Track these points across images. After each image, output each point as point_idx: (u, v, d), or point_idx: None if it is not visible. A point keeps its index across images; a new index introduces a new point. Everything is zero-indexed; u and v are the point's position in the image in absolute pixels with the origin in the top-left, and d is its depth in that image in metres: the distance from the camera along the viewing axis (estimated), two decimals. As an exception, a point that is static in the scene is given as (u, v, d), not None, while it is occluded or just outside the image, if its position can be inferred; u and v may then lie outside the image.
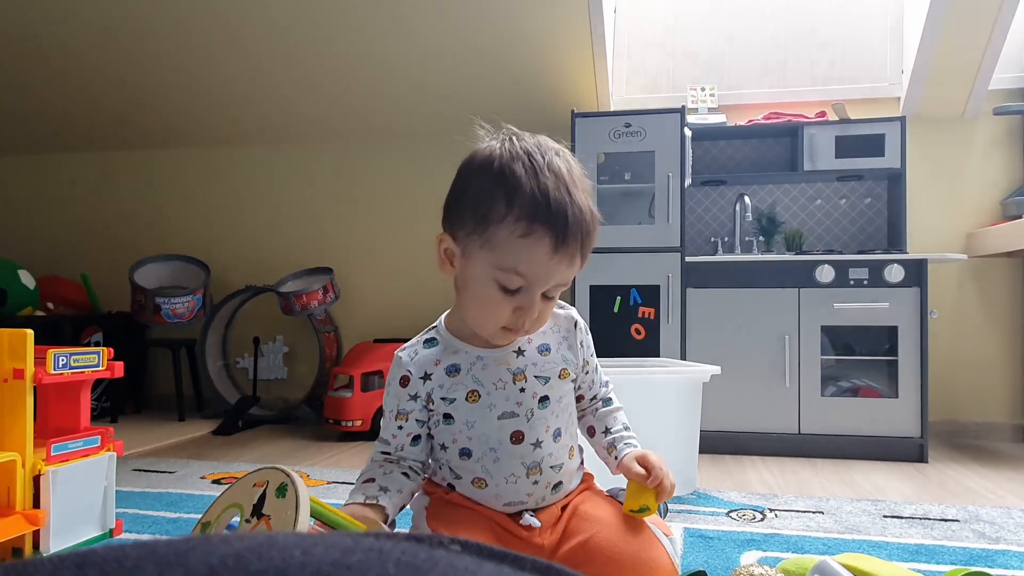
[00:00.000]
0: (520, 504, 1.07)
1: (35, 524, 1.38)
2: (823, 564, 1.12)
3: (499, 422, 1.04)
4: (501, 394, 1.04)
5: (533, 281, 0.95)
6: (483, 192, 0.95)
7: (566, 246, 0.93)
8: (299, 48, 3.23)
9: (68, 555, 0.27)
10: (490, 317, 0.98)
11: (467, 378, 1.05)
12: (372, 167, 3.70)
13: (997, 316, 3.05)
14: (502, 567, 0.31)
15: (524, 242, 0.92)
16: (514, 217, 0.92)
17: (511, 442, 1.04)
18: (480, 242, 0.95)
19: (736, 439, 2.71)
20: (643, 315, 2.80)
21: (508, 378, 1.04)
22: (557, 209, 0.92)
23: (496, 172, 0.95)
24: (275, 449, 2.77)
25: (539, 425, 1.05)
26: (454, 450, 1.07)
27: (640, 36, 3.42)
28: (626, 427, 1.16)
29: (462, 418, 1.05)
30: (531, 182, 0.93)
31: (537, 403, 1.05)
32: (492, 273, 0.95)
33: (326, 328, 3.55)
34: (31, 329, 1.41)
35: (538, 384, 1.05)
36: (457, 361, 1.06)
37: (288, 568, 0.27)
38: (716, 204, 3.29)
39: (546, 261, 0.93)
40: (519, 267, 0.93)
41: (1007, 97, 3.05)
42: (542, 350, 1.07)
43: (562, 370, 1.08)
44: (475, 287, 0.98)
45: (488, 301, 0.97)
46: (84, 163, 4.06)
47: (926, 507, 1.93)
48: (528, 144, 0.99)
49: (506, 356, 1.05)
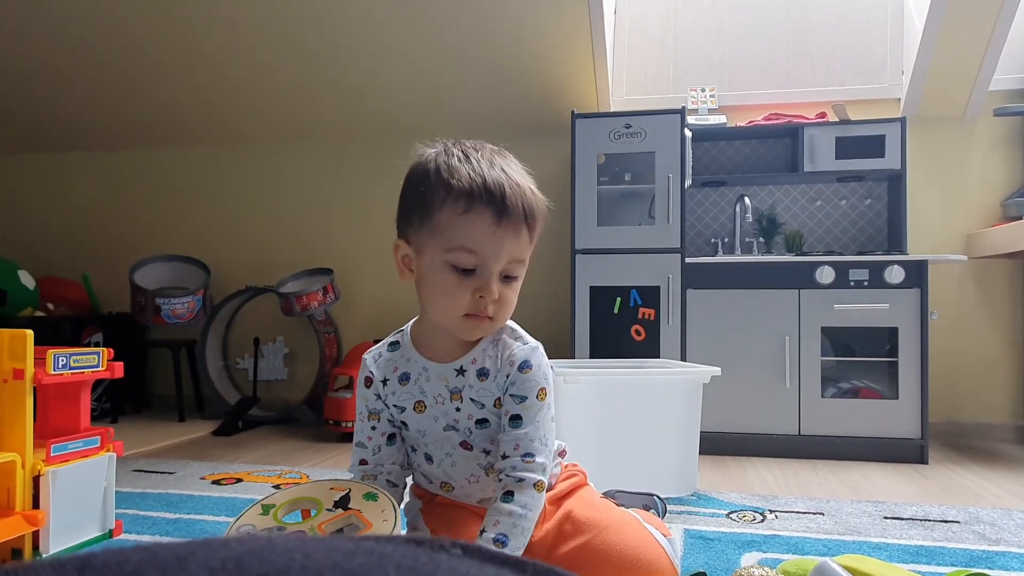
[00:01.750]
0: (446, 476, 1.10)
1: (35, 525, 1.38)
2: (823, 565, 1.12)
3: (445, 433, 1.06)
4: (440, 408, 1.06)
5: (484, 256, 0.96)
6: (424, 188, 0.99)
7: (508, 217, 0.95)
8: (300, 48, 3.23)
9: (68, 558, 0.27)
10: (451, 305, 0.99)
11: (414, 388, 1.07)
12: (373, 167, 3.70)
13: (998, 317, 3.05)
14: (503, 570, 0.31)
15: (466, 218, 0.95)
16: (453, 197, 0.96)
17: (461, 447, 1.07)
18: (428, 232, 0.98)
19: (736, 440, 2.71)
20: (643, 316, 2.80)
21: (446, 395, 1.05)
22: (494, 184, 0.95)
23: (434, 168, 0.99)
24: (275, 450, 2.77)
25: (482, 439, 1.06)
26: (420, 453, 1.10)
27: (640, 37, 3.42)
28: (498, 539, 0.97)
29: (414, 426, 1.08)
30: (466, 167, 0.97)
31: (474, 423, 1.05)
32: (444, 257, 0.97)
33: (326, 329, 3.55)
34: (31, 329, 1.41)
35: (474, 407, 1.04)
36: (408, 370, 1.08)
37: (289, 571, 0.27)
38: (716, 205, 3.29)
39: (491, 233, 0.95)
40: (466, 242, 0.95)
41: (1008, 98, 3.05)
42: (481, 374, 1.04)
43: (496, 399, 1.04)
44: (432, 277, 1.00)
45: (446, 288, 0.98)
46: (84, 163, 4.06)
47: (926, 508, 1.93)
48: (465, 145, 1.03)
49: (447, 373, 1.05)
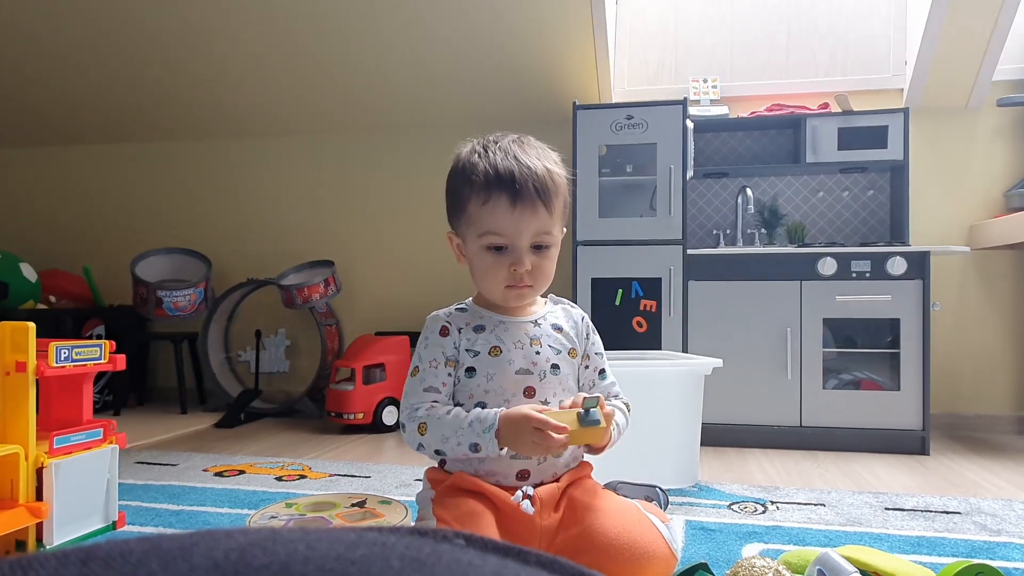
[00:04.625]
0: (525, 458, 1.13)
1: (38, 517, 1.39)
2: (825, 556, 1.12)
3: (516, 377, 1.16)
4: (519, 352, 1.17)
5: (509, 236, 1.12)
6: (456, 186, 1.17)
7: (522, 198, 1.11)
8: (300, 40, 3.21)
9: (72, 550, 0.27)
10: (494, 280, 1.15)
11: (491, 336, 1.18)
12: (374, 159, 3.69)
13: (1000, 309, 3.05)
14: (506, 561, 0.31)
15: (488, 207, 1.12)
16: (475, 192, 1.13)
17: (524, 395, 1.16)
18: (465, 224, 1.17)
19: (738, 432, 2.71)
20: (645, 308, 2.80)
21: (526, 340, 1.19)
22: (505, 173, 1.11)
23: (460, 168, 1.17)
24: (277, 442, 2.77)
25: (549, 387, 1.18)
26: (469, 406, 1.15)
27: (642, 27, 3.40)
28: (620, 410, 1.22)
29: (483, 371, 1.16)
30: (483, 162, 1.14)
31: (549, 367, 1.18)
32: (479, 242, 1.15)
33: (328, 321, 3.55)
34: (33, 322, 1.41)
35: (551, 352, 1.19)
36: (483, 323, 1.20)
37: (292, 562, 0.27)
38: (718, 196, 3.28)
39: (510, 215, 1.11)
40: (491, 227, 1.13)
41: (1011, 88, 3.03)
42: (556, 328, 1.23)
43: (571, 349, 1.22)
44: (475, 261, 1.17)
45: (487, 267, 1.15)
46: (85, 156, 4.06)
47: (928, 499, 1.93)
48: (488, 138, 1.18)
49: (524, 324, 1.21)
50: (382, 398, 3.00)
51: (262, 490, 1.98)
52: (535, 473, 1.15)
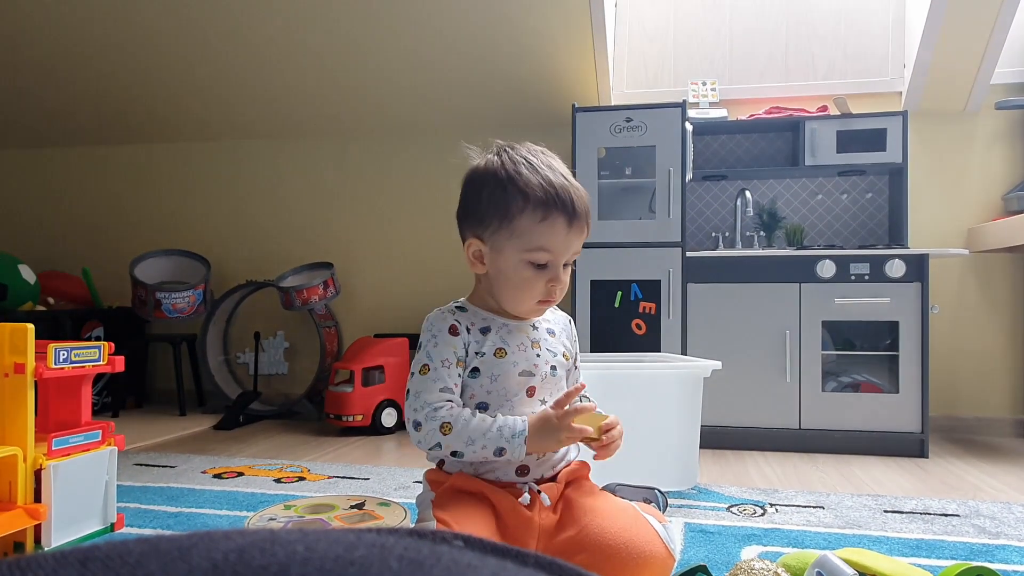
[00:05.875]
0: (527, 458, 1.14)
1: (36, 518, 1.38)
2: (824, 559, 1.12)
3: (519, 378, 1.18)
4: (522, 355, 1.20)
5: (557, 254, 1.15)
6: (499, 195, 1.15)
7: (577, 220, 1.15)
8: (300, 43, 3.22)
9: (71, 551, 0.27)
10: (528, 294, 1.17)
11: (496, 338, 1.20)
12: (373, 161, 3.70)
13: (998, 311, 3.05)
14: (505, 562, 0.31)
15: (544, 224, 1.13)
16: (531, 207, 1.13)
17: (526, 395, 1.18)
18: (507, 235, 1.15)
19: (737, 434, 2.71)
20: (644, 310, 2.80)
21: (528, 343, 1.21)
22: (564, 194, 1.13)
23: (506, 177, 1.15)
24: (276, 444, 2.77)
25: (547, 388, 1.21)
26: (470, 405, 1.17)
27: (641, 30, 3.41)
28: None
29: (487, 371, 1.17)
30: (536, 177, 1.13)
31: (549, 369, 1.22)
32: (523, 256, 1.15)
33: (327, 323, 3.55)
34: (32, 324, 1.41)
35: (549, 355, 1.23)
36: (488, 325, 1.21)
37: (291, 563, 0.27)
38: (717, 199, 3.29)
39: (564, 235, 1.14)
40: (544, 244, 1.14)
41: (1009, 91, 3.04)
42: (550, 332, 1.26)
43: (564, 352, 1.26)
44: (510, 273, 1.16)
45: (525, 281, 1.16)
46: (85, 158, 4.06)
47: (926, 502, 1.93)
48: (521, 151, 1.19)
49: (525, 327, 1.23)
50: (381, 400, 3.00)
51: (261, 492, 1.98)
52: (534, 468, 1.16)
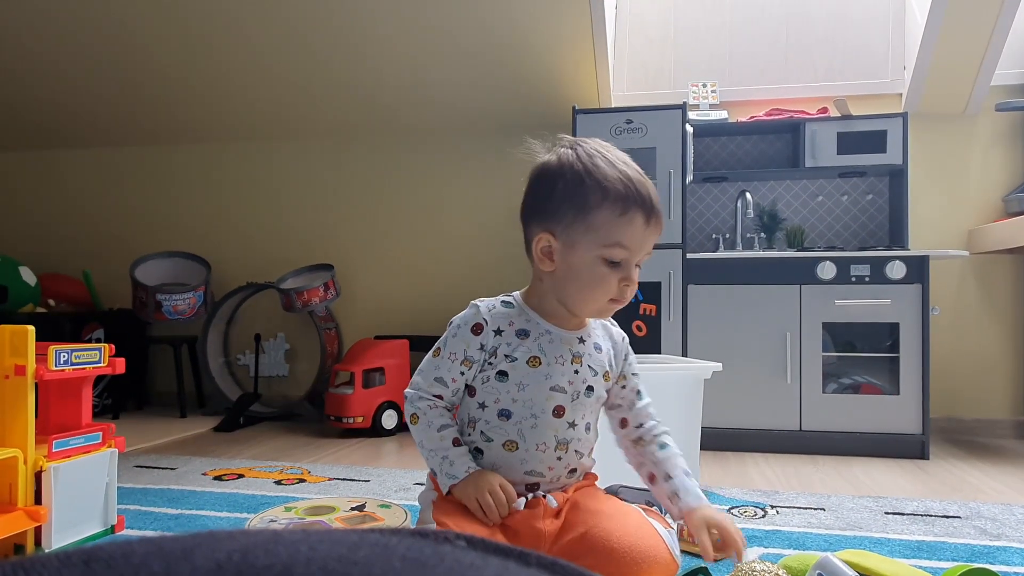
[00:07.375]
0: (539, 476, 1.13)
1: (37, 520, 1.38)
2: (825, 560, 1.12)
3: (549, 392, 1.13)
4: (558, 368, 1.14)
5: (634, 251, 1.10)
6: (576, 188, 1.10)
7: (655, 217, 1.11)
8: (301, 45, 3.22)
9: (74, 552, 0.27)
10: (603, 291, 1.11)
11: (533, 345, 1.14)
12: (373, 163, 3.70)
13: (999, 313, 3.05)
14: (507, 562, 0.31)
15: (623, 219, 1.09)
16: (610, 201, 1.08)
17: (552, 414, 1.13)
18: (583, 228, 1.10)
19: (737, 436, 2.71)
20: (644, 312, 2.80)
21: (568, 357, 1.15)
22: (642, 190, 1.10)
23: (583, 170, 1.11)
24: (276, 446, 2.77)
25: (579, 409, 1.16)
26: (493, 410, 1.13)
27: (641, 32, 3.41)
28: (687, 473, 1.20)
29: (516, 378, 1.12)
30: (614, 172, 1.10)
31: (585, 388, 1.16)
32: (599, 252, 1.09)
33: (327, 325, 3.55)
34: (32, 326, 1.41)
35: (589, 373, 1.17)
36: (528, 328, 1.16)
37: (294, 564, 0.27)
38: (717, 201, 3.29)
39: (643, 231, 1.10)
40: (622, 240, 1.09)
41: (1009, 93, 3.04)
42: (597, 348, 1.19)
43: (606, 372, 1.19)
44: (584, 269, 1.11)
45: (599, 278, 1.10)
46: (85, 160, 4.06)
47: (927, 503, 1.93)
48: (591, 145, 1.15)
49: (570, 339, 1.16)
50: (381, 402, 2.99)
51: (261, 494, 1.97)
52: (544, 486, 1.16)
